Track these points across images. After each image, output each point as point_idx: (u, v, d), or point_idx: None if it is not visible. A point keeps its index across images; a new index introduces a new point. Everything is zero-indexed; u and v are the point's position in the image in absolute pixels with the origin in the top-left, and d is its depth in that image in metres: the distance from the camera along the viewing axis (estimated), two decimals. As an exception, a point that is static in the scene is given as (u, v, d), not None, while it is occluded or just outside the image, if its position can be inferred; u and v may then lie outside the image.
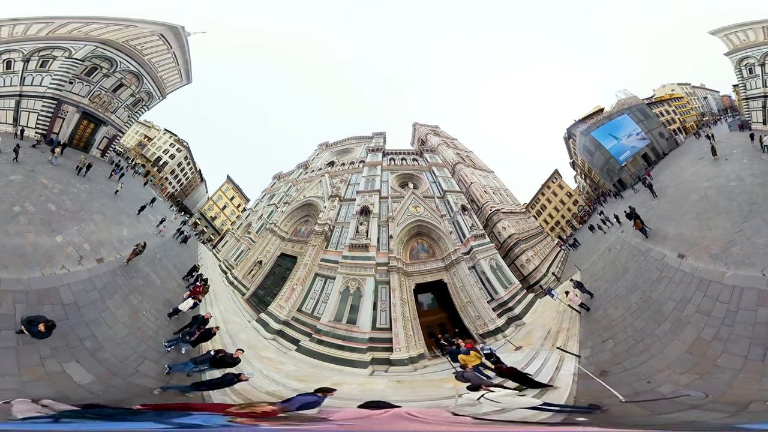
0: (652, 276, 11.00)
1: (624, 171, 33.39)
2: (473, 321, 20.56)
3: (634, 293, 11.00)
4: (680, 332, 7.98)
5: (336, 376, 14.38)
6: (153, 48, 25.00)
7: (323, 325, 18.29)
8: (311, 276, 20.85)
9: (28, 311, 6.28)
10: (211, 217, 36.83)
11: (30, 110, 22.75)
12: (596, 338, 10.40)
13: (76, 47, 22.42)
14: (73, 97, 22.94)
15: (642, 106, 33.95)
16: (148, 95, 25.20)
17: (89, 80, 22.82)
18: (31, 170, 15.76)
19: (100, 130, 25.12)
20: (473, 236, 24.45)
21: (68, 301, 7.22)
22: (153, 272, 12.41)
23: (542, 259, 29.13)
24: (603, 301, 12.61)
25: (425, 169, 31.05)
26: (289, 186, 30.42)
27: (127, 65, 23.48)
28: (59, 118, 23.79)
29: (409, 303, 20.54)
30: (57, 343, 6.18)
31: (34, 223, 10.12)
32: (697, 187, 15.64)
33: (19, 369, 5.45)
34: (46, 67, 22.64)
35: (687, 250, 10.52)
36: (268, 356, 14.40)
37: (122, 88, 24.06)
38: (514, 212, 34.70)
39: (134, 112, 25.51)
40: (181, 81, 27.01)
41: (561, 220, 41.82)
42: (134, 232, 15.63)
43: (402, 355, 17.44)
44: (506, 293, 21.70)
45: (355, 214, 22.72)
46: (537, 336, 14.92)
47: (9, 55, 22.63)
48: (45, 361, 5.74)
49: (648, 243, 13.31)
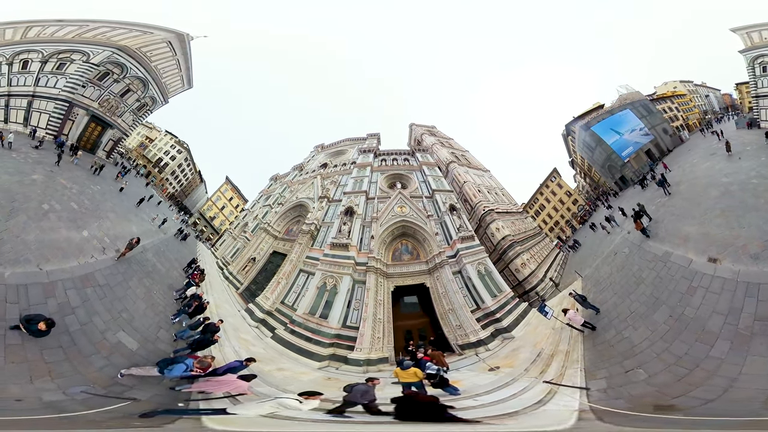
0: (679, 287, 9.49)
1: (627, 167, 32.74)
2: (454, 330, 19.86)
3: (658, 310, 9.42)
4: (748, 346, 6.95)
5: (287, 363, 15.20)
6: (160, 54, 27.63)
7: (298, 317, 19.52)
8: (296, 272, 22.55)
9: (77, 296, 8.66)
10: (210, 217, 39.53)
11: (42, 111, 24.68)
12: (611, 367, 8.69)
13: (95, 52, 24.51)
14: (85, 100, 25.26)
15: (645, 102, 33.98)
16: (152, 100, 27.90)
17: (100, 85, 25.25)
18: (50, 171, 18.49)
19: (107, 132, 27.71)
20: (460, 238, 23.85)
21: (103, 283, 9.63)
22: (158, 262, 15.02)
23: (539, 262, 28.28)
24: (613, 319, 10.86)
25: (416, 168, 31.06)
26: (284, 187, 32.74)
27: (136, 71, 25.94)
28: (69, 120, 26.03)
29: (385, 305, 20.60)
30: (105, 316, 8.63)
31: (63, 219, 12.67)
32: (715, 182, 14.72)
33: (95, 346, 7.65)
34: (63, 69, 24.71)
35: (719, 253, 9.45)
36: (246, 338, 15.95)
37: (129, 93, 26.76)
38: (510, 212, 33.76)
39: (138, 116, 28.20)
40: (183, 86, 29.71)
41: (560, 220, 41.68)
42: (141, 228, 18.27)
43: (359, 356, 17.54)
44: (494, 302, 20.70)
45: (340, 215, 23.97)
46: (523, 357, 13.45)
47: (27, 55, 24.50)
48: (105, 334, 8.08)
49: (664, 245, 12.02)
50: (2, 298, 7.07)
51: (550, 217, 42.26)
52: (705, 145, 23.26)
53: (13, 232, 9.80)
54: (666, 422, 6.17)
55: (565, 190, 42.90)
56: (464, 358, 17.41)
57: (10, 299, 7.17)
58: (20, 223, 10.59)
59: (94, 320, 8.14)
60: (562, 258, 30.64)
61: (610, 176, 34.99)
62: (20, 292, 7.40)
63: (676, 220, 13.66)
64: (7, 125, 23.86)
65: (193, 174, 40.09)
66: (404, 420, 6.52)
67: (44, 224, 11.65)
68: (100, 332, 8.03)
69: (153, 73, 26.96)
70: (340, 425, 6.48)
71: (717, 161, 18.02)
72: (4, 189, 12.68)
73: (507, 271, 26.24)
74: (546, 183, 43.70)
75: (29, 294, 7.51)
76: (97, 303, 8.73)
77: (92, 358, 7.33)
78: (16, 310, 6.99)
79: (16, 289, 7.42)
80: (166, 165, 35.46)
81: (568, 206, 41.91)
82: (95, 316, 8.34)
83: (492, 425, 7.03)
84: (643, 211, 15.18)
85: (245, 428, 5.34)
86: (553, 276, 26.31)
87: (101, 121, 27.05)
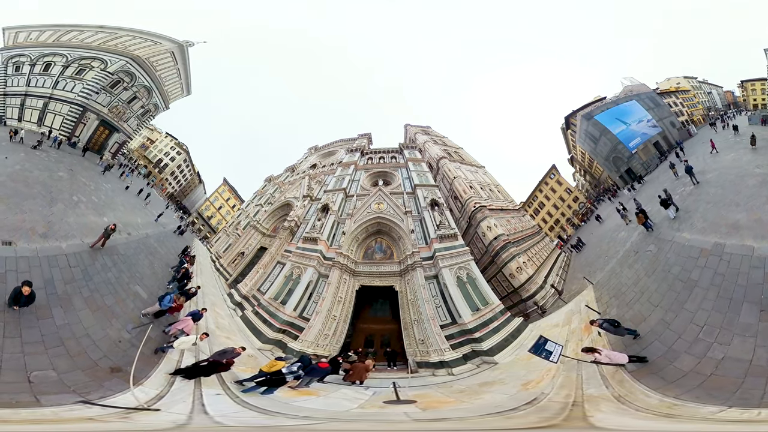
0: (753, 278, 8.52)
1: (634, 159, 33.04)
2: (415, 345, 18.81)
3: (741, 312, 8.06)
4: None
5: (237, 337, 16.77)
6: (164, 63, 32.95)
7: (264, 301, 21.62)
8: (273, 263, 25.48)
9: (110, 260, 13.23)
10: (208, 216, 44.88)
11: (57, 113, 29.12)
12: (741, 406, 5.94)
13: (113, 60, 28.85)
14: (97, 106, 30.25)
15: (651, 94, 35.17)
16: (155, 107, 33.28)
17: (112, 92, 30.26)
18: (70, 170, 23.86)
19: (113, 136, 33.25)
20: (439, 237, 22.81)
21: (123, 252, 14.18)
22: (160, 247, 19.89)
23: (538, 266, 26.83)
24: (674, 341, 8.80)
25: (401, 165, 31.74)
26: (275, 188, 37.29)
27: (143, 80, 30.94)
28: (82, 124, 30.89)
29: (345, 303, 21.09)
30: (127, 274, 13.11)
31: (89, 209, 17.66)
32: (748, 173, 14.85)
33: (126, 293, 12.22)
34: (81, 75, 29.02)
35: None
36: (219, 312, 18.30)
37: (135, 100, 32.13)
38: (505, 209, 32.79)
39: (142, 121, 33.68)
40: (183, 93, 35.05)
41: (560, 218, 42.48)
42: (145, 219, 23.39)
43: (296, 346, 18.27)
44: (475, 318, 18.53)
45: (316, 211, 26.66)
46: (489, 400, 10.74)
47: (52, 58, 28.61)
48: (129, 285, 12.46)
49: (708, 237, 11.12)
50: (65, 264, 11.14)
51: (549, 215, 42.83)
52: (718, 138, 23.63)
53: (58, 216, 14.71)
54: None
55: (564, 187, 43.45)
56: (404, 378, 15.48)
57: (72, 263, 11.58)
58: (61, 209, 15.52)
59: (122, 276, 12.87)
60: (564, 260, 29.24)
61: (615, 169, 34.93)
62: (77, 258, 12.08)
63: (716, 209, 12.99)
64: (21, 124, 28.19)
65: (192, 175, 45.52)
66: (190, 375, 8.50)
67: (78, 211, 16.55)
68: (126, 284, 12.70)
69: (157, 81, 32.22)
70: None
71: (742, 154, 18.50)
72: (40, 182, 17.76)
73: (500, 276, 24.70)
74: (545, 180, 44.36)
75: (83, 259, 12.23)
76: (122, 265, 13.42)
77: (126, 301, 11.97)
78: (78, 271, 11.23)
79: (73, 256, 12.09)
80: (166, 166, 40.88)
81: (568, 203, 42.26)
82: (122, 273, 13.07)
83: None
84: (669, 200, 14.81)
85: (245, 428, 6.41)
86: (555, 282, 24.54)
87: (109, 126, 32.52)
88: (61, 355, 7.15)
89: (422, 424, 7.87)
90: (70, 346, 7.57)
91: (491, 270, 25.53)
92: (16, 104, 29.72)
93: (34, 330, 7.51)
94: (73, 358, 7.25)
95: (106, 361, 7.77)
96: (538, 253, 29.39)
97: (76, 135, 31.82)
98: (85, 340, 8.06)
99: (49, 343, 7.32)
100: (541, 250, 30.61)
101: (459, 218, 29.45)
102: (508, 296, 23.87)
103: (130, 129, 33.03)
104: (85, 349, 7.77)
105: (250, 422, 6.93)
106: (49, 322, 8.00)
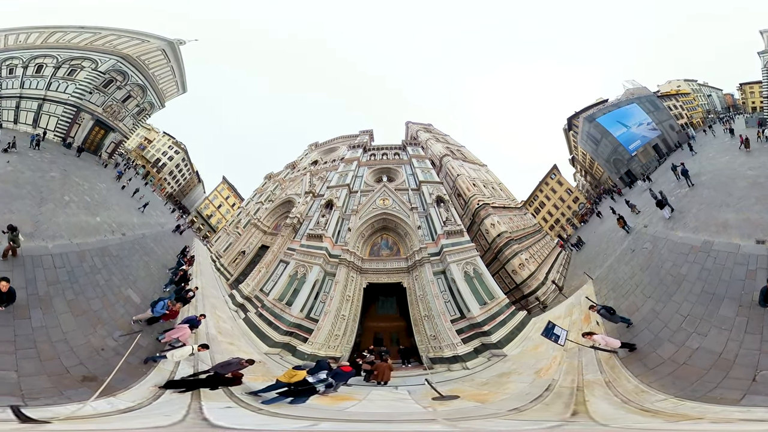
0: (736, 274, 9.10)
1: (634, 161, 34.33)
2: (427, 341, 18.85)
3: (722, 305, 8.59)
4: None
5: (242, 341, 16.06)
6: (156, 62, 32.63)
7: (268, 302, 21.08)
8: (276, 261, 24.91)
9: (100, 261, 12.71)
10: (207, 215, 44.61)
11: (51, 114, 28.71)
12: (711, 392, 6.54)
13: (103, 60, 28.74)
14: (91, 106, 29.96)
15: (652, 97, 36.28)
16: (150, 105, 32.90)
17: (105, 91, 30.05)
18: (64, 170, 23.39)
19: (109, 136, 32.86)
20: (446, 233, 23.09)
21: (115, 254, 13.73)
22: (156, 247, 19.39)
23: (539, 262, 27.58)
24: (660, 330, 9.40)
25: (405, 162, 32.08)
26: (276, 185, 36.97)
27: (136, 78, 30.74)
28: (76, 124, 31.01)
29: (353, 302, 20.71)
30: (119, 277, 12.66)
31: (81, 208, 17.17)
32: (741, 175, 15.68)
33: (116, 297, 11.55)
34: (73, 76, 28.80)
35: (766, 235, 9.94)
36: (220, 315, 17.57)
37: (130, 99, 31.75)
38: (508, 207, 33.31)
39: (138, 120, 33.30)
40: (178, 91, 34.66)
41: (561, 218, 43.80)
42: (142, 220, 22.97)
43: (307, 349, 17.81)
44: (483, 311, 19.00)
45: (320, 207, 26.13)
46: (514, 389, 10.90)
47: (43, 60, 28.26)
48: (120, 289, 11.97)
49: (699, 235, 11.91)
50: (50, 264, 10.76)
51: (550, 214, 44.30)
52: (715, 142, 24.67)
53: (47, 216, 14.17)
54: None
55: (565, 187, 44.88)
56: (423, 375, 15.21)
57: (58, 264, 11.16)
58: (50, 209, 15.01)
59: (113, 279, 12.28)
60: (565, 258, 29.93)
61: (615, 170, 36.45)
62: (63, 259, 11.52)
63: (708, 209, 13.86)
64: (17, 126, 27.93)
65: (191, 174, 45.22)
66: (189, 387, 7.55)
67: (68, 211, 16.11)
68: (117, 287, 12.15)
69: (150, 79, 31.87)
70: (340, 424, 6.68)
71: (736, 156, 19.29)
72: (31, 182, 17.28)
73: (503, 272, 25.29)
74: (546, 180, 45.76)
75: (69, 259, 11.65)
76: (113, 267, 12.88)
77: (116, 306, 11.39)
78: (64, 273, 10.83)
79: (59, 257, 11.53)
80: (164, 165, 40.61)
81: (568, 204, 43.71)
82: (113, 275, 12.49)
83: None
84: (664, 200, 15.83)
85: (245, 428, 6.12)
86: (556, 278, 25.32)
87: (104, 125, 32.13)
88: (31, 358, 6.80)
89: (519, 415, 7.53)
90: (43, 349, 7.20)
91: (494, 266, 25.80)
92: (11, 107, 29.37)
93: (8, 329, 7.20)
94: (43, 363, 6.87)
95: (80, 368, 7.34)
96: (539, 251, 29.90)
97: (71, 135, 31.49)
98: (61, 345, 7.67)
99: (21, 344, 7.00)
100: (542, 248, 31.12)
101: (462, 215, 29.85)
102: (511, 292, 24.15)
103: (126, 128, 32.76)
104: (58, 354, 7.37)
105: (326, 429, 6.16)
106: (26, 323, 7.67)
